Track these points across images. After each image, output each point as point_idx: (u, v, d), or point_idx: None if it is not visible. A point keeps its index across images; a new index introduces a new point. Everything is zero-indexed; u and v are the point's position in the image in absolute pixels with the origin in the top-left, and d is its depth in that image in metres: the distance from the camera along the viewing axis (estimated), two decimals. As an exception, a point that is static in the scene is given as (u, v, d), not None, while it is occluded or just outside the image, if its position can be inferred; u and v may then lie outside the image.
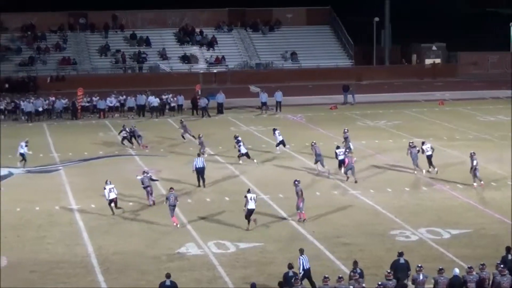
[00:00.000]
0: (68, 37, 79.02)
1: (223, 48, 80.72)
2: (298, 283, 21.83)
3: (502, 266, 22.60)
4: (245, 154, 41.58)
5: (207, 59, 79.18)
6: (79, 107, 57.82)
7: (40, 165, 42.23)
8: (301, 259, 23.95)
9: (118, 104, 58.78)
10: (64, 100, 58.38)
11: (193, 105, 58.87)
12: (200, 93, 60.18)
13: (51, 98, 58.63)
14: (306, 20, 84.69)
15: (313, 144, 39.92)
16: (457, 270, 22.73)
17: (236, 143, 42.23)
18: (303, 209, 31.37)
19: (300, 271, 23.51)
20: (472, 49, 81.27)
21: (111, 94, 59.44)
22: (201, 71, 75.51)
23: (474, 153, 36.74)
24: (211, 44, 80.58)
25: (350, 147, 41.57)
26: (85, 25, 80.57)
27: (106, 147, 47.03)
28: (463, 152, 42.41)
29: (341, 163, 38.58)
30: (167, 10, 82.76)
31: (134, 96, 58.82)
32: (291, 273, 22.75)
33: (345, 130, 43.44)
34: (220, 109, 59.38)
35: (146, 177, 33.81)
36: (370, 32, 79.89)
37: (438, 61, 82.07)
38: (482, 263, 22.93)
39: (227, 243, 28.93)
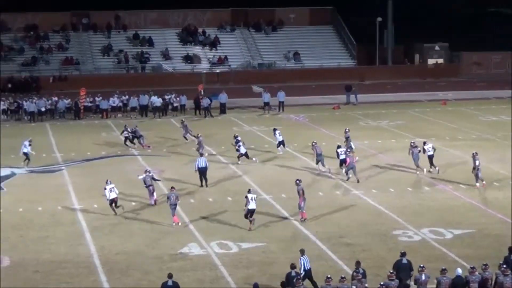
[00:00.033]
0: (70, 37, 78.99)
1: (225, 48, 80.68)
2: (300, 284, 21.83)
3: (504, 266, 22.58)
4: (245, 154, 41.54)
5: (210, 59, 79.14)
6: (82, 107, 57.81)
7: (42, 165, 42.23)
8: (302, 259, 23.97)
9: (121, 104, 58.68)
10: (66, 100, 58.36)
11: (195, 105, 58.84)
12: (203, 93, 60.09)
13: (53, 98, 58.63)
14: (309, 20, 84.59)
15: (314, 144, 39.90)
16: (460, 270, 22.72)
17: (235, 143, 42.21)
18: (304, 209, 31.39)
19: (301, 272, 23.51)
20: (475, 49, 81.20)
21: (113, 94, 59.38)
22: (204, 71, 75.30)
23: (476, 153, 36.68)
24: (213, 44, 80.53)
25: (352, 146, 41.51)
26: (87, 25, 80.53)
27: (108, 147, 47.04)
28: (465, 152, 42.37)
29: (343, 162, 38.63)
30: (170, 10, 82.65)
31: (136, 96, 58.74)
32: (293, 273, 22.76)
33: (346, 130, 43.44)
34: (222, 109, 59.37)
35: (148, 176, 33.86)
36: (373, 32, 79.82)
37: (440, 61, 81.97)
38: (484, 263, 22.91)
39: (230, 243, 28.93)
